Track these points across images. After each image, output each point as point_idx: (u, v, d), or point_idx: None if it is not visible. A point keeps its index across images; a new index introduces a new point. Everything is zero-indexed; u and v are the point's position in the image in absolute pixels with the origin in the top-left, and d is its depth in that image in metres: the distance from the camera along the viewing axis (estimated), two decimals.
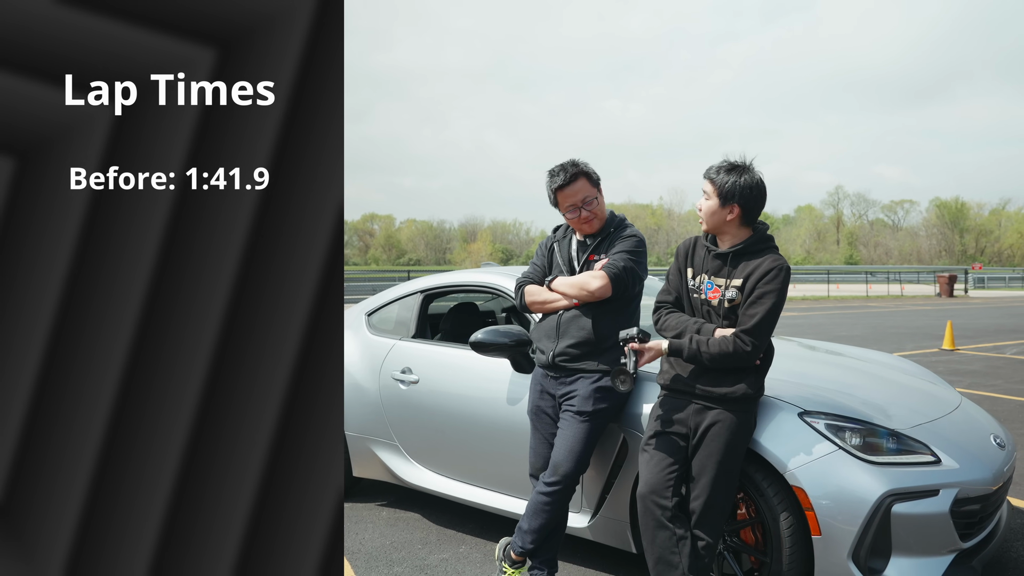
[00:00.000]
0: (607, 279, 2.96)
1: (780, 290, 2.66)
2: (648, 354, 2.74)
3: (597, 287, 2.97)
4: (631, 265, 3.01)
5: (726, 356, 2.64)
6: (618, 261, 3.00)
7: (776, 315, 2.66)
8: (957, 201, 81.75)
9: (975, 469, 2.89)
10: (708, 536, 2.72)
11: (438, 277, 4.41)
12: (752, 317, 2.63)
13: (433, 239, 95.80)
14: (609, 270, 2.98)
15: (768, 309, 2.63)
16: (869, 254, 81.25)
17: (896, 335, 14.46)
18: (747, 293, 2.68)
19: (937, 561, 2.75)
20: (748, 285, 2.68)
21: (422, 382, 3.94)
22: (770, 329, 2.67)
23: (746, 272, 2.70)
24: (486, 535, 3.88)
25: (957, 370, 9.57)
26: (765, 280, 2.65)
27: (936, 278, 34.11)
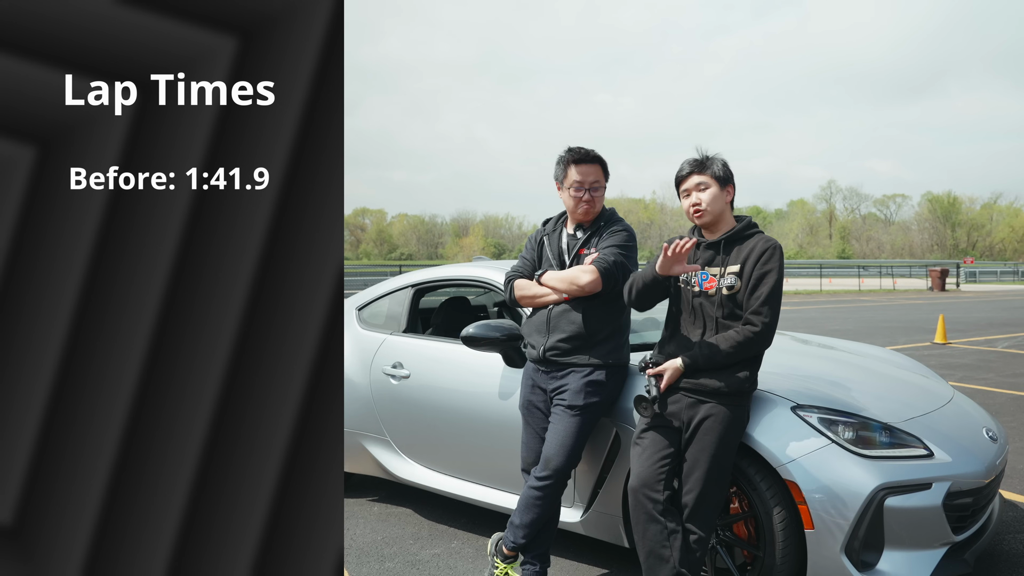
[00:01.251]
0: (597, 274, 2.95)
1: (779, 267, 2.70)
2: (667, 375, 2.76)
3: (587, 281, 2.96)
4: (621, 259, 3.00)
5: (740, 345, 2.66)
6: (608, 255, 2.98)
7: (780, 291, 2.70)
8: (949, 195, 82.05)
9: (967, 462, 2.89)
10: (700, 530, 2.71)
11: (429, 271, 4.38)
12: (758, 298, 2.67)
13: (425, 233, 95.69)
14: (599, 264, 2.96)
15: (772, 287, 2.67)
16: (861, 248, 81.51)
17: (888, 329, 14.50)
18: (747, 277, 2.69)
19: (930, 554, 2.75)
20: (747, 269, 2.70)
21: (413, 377, 3.92)
22: (777, 306, 2.69)
23: (741, 256, 2.73)
24: (478, 530, 3.86)
25: (949, 364, 9.60)
26: (763, 261, 2.69)
27: (928, 272, 34.25)
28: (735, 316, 2.72)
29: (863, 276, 38.17)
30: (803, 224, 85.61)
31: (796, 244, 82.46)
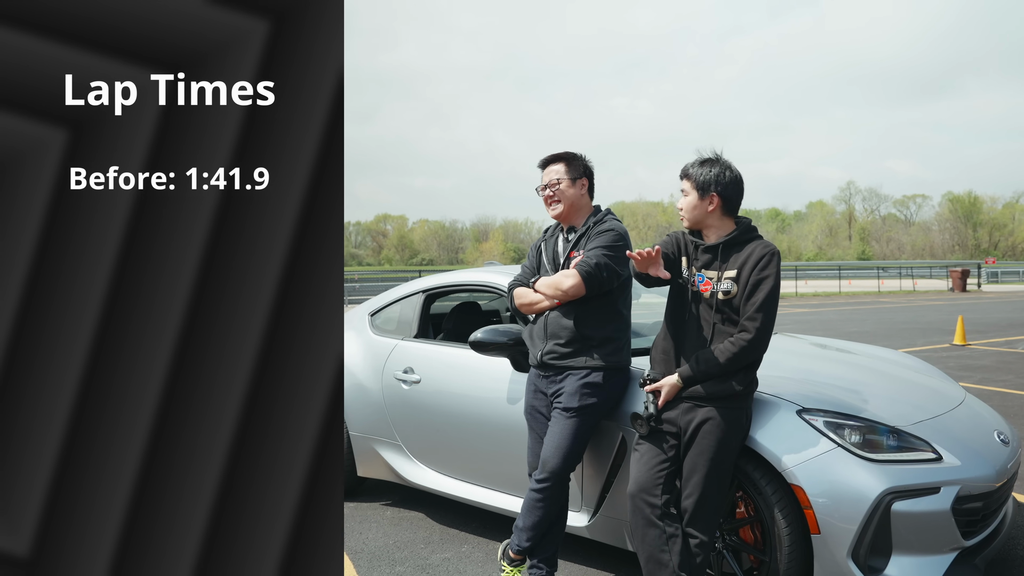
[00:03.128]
0: (579, 278, 2.95)
1: (775, 274, 2.69)
2: (664, 392, 2.77)
3: (569, 286, 2.97)
4: (604, 260, 2.97)
5: (736, 356, 2.66)
6: (591, 258, 2.98)
7: (776, 298, 2.68)
8: (970, 195, 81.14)
9: (977, 466, 2.86)
10: (702, 534, 2.71)
11: (440, 277, 4.41)
12: (753, 304, 2.66)
13: (445, 239, 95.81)
14: (581, 268, 2.96)
15: (767, 294, 2.66)
16: (881, 249, 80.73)
17: (907, 331, 14.36)
18: (744, 283, 2.68)
19: (939, 559, 2.73)
20: (744, 275, 2.69)
21: (424, 382, 3.94)
22: (773, 311, 2.68)
23: (739, 262, 2.71)
24: (489, 534, 3.88)
25: (967, 365, 9.50)
26: (759, 267, 2.68)
27: (949, 273, 33.84)
28: (732, 321, 2.72)
29: (883, 277, 37.74)
30: (822, 226, 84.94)
31: (815, 246, 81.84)
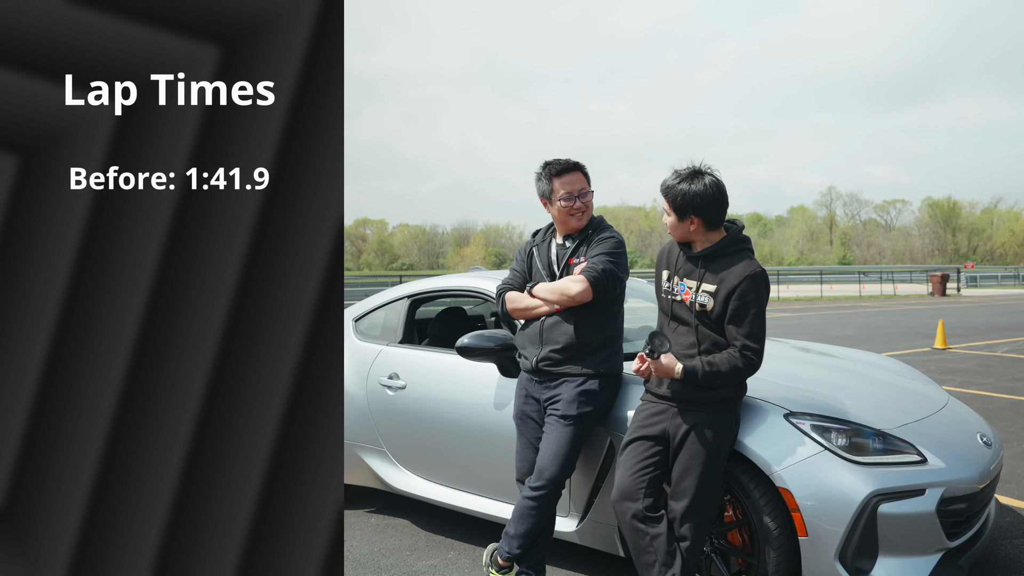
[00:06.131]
0: (587, 283, 2.95)
1: (758, 297, 2.66)
2: (657, 367, 2.68)
3: (578, 291, 2.96)
4: (611, 267, 2.99)
5: (737, 371, 2.66)
6: (597, 264, 2.98)
7: (763, 319, 2.68)
8: (949, 200, 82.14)
9: (961, 468, 2.89)
10: (692, 538, 2.70)
11: (425, 282, 4.39)
12: (741, 333, 2.65)
13: (426, 243, 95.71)
14: (588, 274, 2.96)
15: (754, 317, 2.65)
16: (862, 254, 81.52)
17: (888, 335, 14.48)
18: (722, 301, 2.67)
19: (924, 560, 2.75)
20: (722, 293, 2.67)
21: (409, 387, 3.92)
22: (763, 334, 2.69)
23: (718, 279, 2.69)
24: (475, 540, 3.86)
25: (948, 369, 9.59)
26: (738, 294, 2.65)
27: (929, 277, 34.21)
28: (714, 329, 2.71)
29: (864, 282, 38.14)
30: (804, 230, 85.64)
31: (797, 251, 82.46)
